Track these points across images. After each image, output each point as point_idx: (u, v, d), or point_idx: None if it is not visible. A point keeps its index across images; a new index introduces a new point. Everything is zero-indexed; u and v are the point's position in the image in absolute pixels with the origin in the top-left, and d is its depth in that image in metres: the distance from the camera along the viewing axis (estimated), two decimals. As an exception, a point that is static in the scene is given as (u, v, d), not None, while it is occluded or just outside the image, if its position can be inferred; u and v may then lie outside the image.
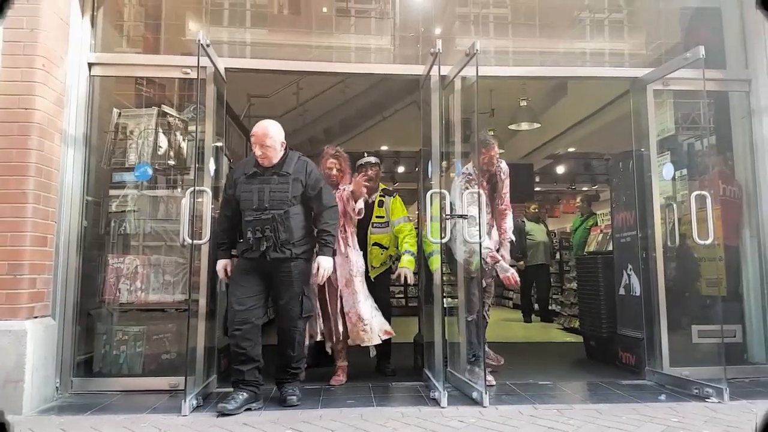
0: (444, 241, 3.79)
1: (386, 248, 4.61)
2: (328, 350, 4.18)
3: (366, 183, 4.19)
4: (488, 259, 3.98)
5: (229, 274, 3.57)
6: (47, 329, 3.59)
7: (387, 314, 4.38)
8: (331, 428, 2.98)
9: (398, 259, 4.56)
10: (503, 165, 4.40)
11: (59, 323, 3.75)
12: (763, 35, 4.47)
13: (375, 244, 4.56)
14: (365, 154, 4.73)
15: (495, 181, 4.33)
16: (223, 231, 3.65)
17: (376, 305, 4.13)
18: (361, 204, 4.07)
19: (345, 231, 4.10)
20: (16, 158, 3.46)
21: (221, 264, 3.62)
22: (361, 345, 4.04)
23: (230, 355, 3.49)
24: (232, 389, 3.42)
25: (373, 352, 4.22)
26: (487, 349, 4.16)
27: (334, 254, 3.63)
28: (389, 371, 4.46)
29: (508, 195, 4.42)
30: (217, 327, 4.08)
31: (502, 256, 4.18)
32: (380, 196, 4.66)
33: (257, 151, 3.45)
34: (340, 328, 3.99)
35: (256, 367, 3.40)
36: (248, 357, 3.35)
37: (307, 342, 3.76)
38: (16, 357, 3.31)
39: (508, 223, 4.42)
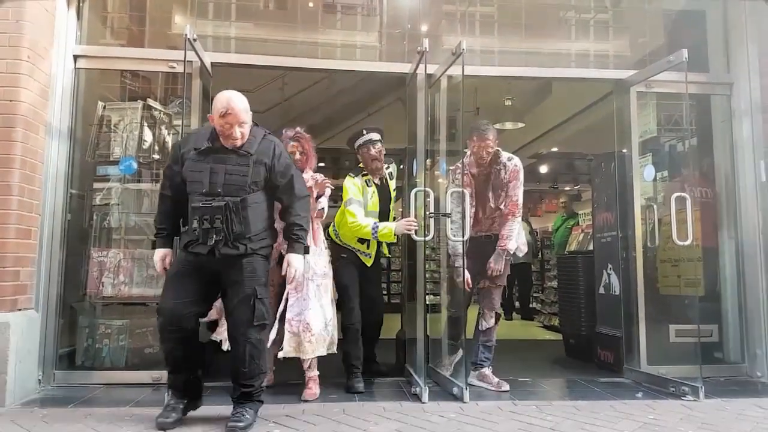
0: (428, 239, 3.82)
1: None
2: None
3: (378, 165, 4.04)
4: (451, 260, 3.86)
5: (167, 266, 3.00)
6: (30, 322, 3.58)
7: (380, 310, 4.34)
8: (314, 422, 3.02)
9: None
10: (509, 162, 3.92)
11: (42, 316, 3.73)
12: (745, 40, 4.57)
13: (394, 219, 4.30)
14: (363, 132, 4.15)
15: (493, 176, 3.94)
16: (162, 214, 3.01)
17: (331, 315, 3.67)
18: (324, 203, 3.72)
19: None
20: (1, 150, 3.44)
21: (159, 255, 3.01)
22: (303, 357, 3.54)
23: (165, 360, 2.98)
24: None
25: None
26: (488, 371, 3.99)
27: (306, 251, 3.10)
28: (383, 369, 4.34)
29: (518, 198, 3.88)
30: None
31: (489, 266, 3.85)
32: (386, 168, 4.27)
33: (234, 132, 2.83)
34: (289, 337, 3.48)
35: (194, 375, 2.99)
36: (183, 366, 2.92)
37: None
38: (-1, 349, 3.30)
39: (507, 230, 3.86)
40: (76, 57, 4.08)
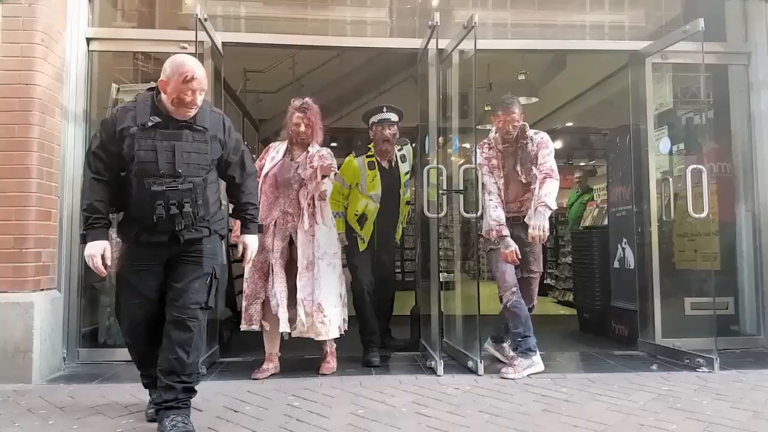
0: (441, 215, 3.83)
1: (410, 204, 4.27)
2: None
3: (388, 147, 4.01)
4: (493, 233, 3.63)
5: (108, 262, 2.55)
6: (53, 301, 3.66)
7: (391, 287, 4.43)
8: (332, 395, 3.08)
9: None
10: (536, 135, 3.76)
11: (65, 296, 3.82)
12: (764, 8, 4.47)
13: (407, 203, 4.33)
14: (384, 109, 4.09)
15: (520, 152, 3.74)
16: (99, 201, 2.53)
17: (343, 294, 3.68)
18: (328, 185, 3.61)
19: (312, 205, 3.53)
20: (19, 133, 3.49)
21: (97, 248, 2.51)
22: (316, 338, 3.53)
23: (134, 358, 2.74)
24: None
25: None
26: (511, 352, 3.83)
27: (260, 230, 2.92)
28: (399, 344, 4.39)
29: (549, 163, 3.68)
30: (219, 298, 4.15)
31: (531, 224, 3.59)
32: (399, 150, 4.21)
33: (196, 99, 2.48)
34: (303, 317, 3.43)
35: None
36: (154, 359, 2.61)
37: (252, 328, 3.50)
38: (24, 328, 3.40)
39: (546, 189, 3.63)
40: (88, 40, 4.10)
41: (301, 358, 3.86)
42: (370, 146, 4.18)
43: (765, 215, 4.42)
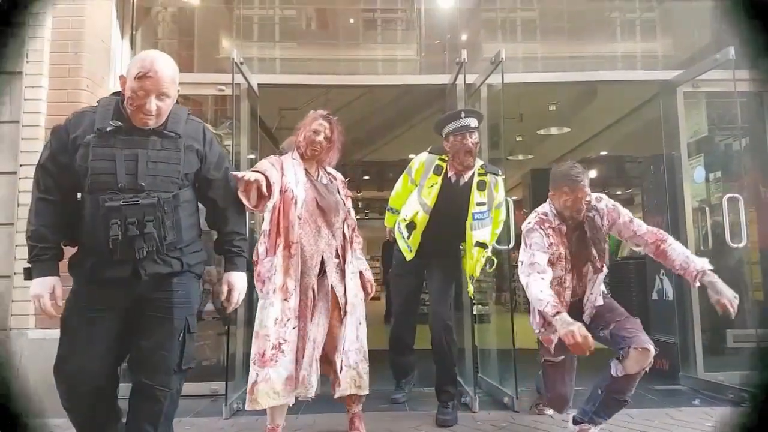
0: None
1: (486, 247, 3.42)
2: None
3: (469, 160, 3.29)
4: (548, 309, 2.59)
5: (60, 302, 2.03)
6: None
7: (439, 326, 3.43)
8: (366, 430, 3.06)
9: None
10: (600, 204, 2.90)
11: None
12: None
13: (477, 244, 3.33)
14: (462, 114, 3.34)
15: (588, 230, 2.85)
16: (46, 226, 2.00)
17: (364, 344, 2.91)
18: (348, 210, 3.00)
19: (344, 240, 2.89)
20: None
21: (46, 285, 1.99)
22: (359, 393, 2.87)
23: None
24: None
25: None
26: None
27: (249, 268, 2.36)
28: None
29: (643, 228, 2.86)
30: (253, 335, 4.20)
31: (724, 303, 2.74)
32: (480, 174, 3.38)
33: (148, 104, 1.97)
34: (345, 371, 2.79)
35: None
36: None
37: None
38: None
39: (679, 251, 2.81)
40: (131, 85, 4.28)
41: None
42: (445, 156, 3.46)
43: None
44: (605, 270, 2.90)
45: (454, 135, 3.32)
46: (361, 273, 2.94)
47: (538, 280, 2.69)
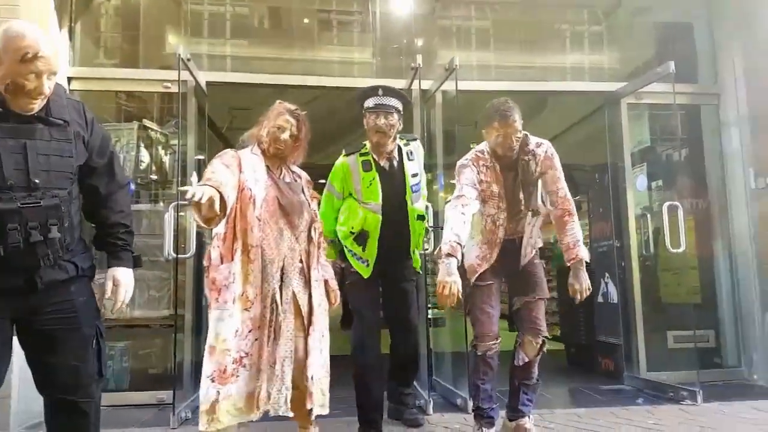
0: (428, 251, 3.72)
1: (425, 219, 3.24)
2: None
3: (381, 140, 3.06)
4: (444, 249, 2.59)
5: None
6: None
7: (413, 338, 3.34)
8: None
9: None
10: (539, 149, 2.87)
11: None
12: (731, 52, 4.67)
13: (419, 217, 3.21)
14: (379, 92, 3.12)
15: (521, 171, 2.84)
16: None
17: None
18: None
19: (309, 245, 2.56)
20: None
21: None
22: (322, 413, 2.52)
23: None
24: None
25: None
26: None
27: (138, 264, 2.11)
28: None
29: (564, 191, 2.88)
30: (202, 342, 4.09)
31: (575, 289, 2.91)
32: (405, 145, 3.22)
33: (41, 86, 1.74)
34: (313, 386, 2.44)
35: None
36: None
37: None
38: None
39: (572, 233, 2.84)
40: (69, 79, 4.06)
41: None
42: (365, 142, 3.22)
43: (740, 251, 4.54)
44: (543, 211, 2.90)
45: (369, 112, 3.10)
46: (326, 281, 2.67)
47: (458, 216, 2.66)
